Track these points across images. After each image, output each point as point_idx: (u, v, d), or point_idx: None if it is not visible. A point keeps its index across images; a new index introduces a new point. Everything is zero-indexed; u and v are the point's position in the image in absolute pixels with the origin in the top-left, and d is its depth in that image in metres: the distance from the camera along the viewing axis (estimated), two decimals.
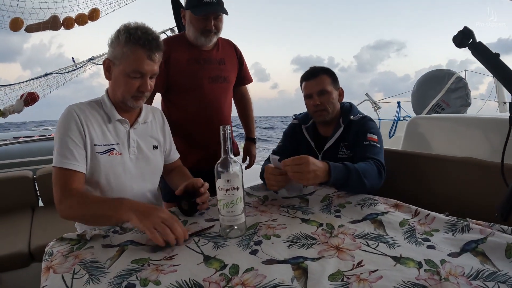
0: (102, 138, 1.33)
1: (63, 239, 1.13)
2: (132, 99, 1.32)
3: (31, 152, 4.30)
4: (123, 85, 1.30)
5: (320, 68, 1.73)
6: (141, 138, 1.43)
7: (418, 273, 0.87)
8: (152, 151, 1.46)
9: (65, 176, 1.23)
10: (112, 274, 0.92)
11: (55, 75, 4.02)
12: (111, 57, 1.30)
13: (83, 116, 1.29)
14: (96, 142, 1.30)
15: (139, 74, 1.28)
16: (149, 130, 1.48)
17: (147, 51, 1.26)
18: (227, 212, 1.08)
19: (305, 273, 0.88)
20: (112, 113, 1.35)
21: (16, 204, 2.87)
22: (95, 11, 4.08)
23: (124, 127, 1.38)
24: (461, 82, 3.65)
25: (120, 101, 1.34)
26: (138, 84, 1.29)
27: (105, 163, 1.31)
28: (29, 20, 3.81)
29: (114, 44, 1.28)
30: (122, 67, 1.27)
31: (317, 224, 1.18)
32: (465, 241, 1.00)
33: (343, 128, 1.68)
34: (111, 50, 1.29)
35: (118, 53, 1.27)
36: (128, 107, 1.36)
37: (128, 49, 1.25)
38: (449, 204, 1.50)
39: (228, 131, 1.08)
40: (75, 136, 1.26)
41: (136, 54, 1.25)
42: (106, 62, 1.32)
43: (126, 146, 1.38)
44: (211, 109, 1.96)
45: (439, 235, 1.07)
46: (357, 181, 1.34)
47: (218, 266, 0.93)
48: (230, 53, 2.08)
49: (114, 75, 1.31)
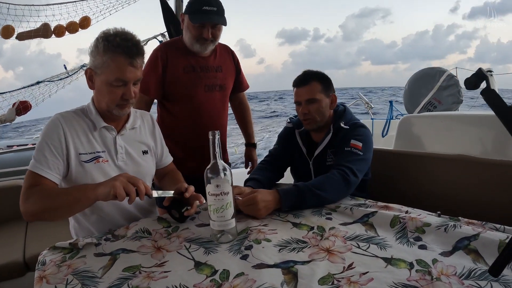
0: (88, 146, 1.32)
1: (56, 247, 1.13)
2: (117, 108, 1.30)
3: (25, 161, 4.24)
4: (106, 94, 1.27)
5: (312, 74, 1.68)
6: (129, 144, 1.42)
7: (410, 273, 0.87)
8: (142, 156, 1.45)
9: (34, 179, 1.22)
10: (104, 284, 0.91)
11: (47, 83, 4.01)
12: (92, 66, 1.27)
13: (68, 126, 1.29)
14: (81, 151, 1.30)
15: (121, 82, 1.25)
16: (138, 135, 1.47)
17: (128, 58, 1.22)
18: (218, 217, 1.08)
19: (295, 277, 0.88)
20: (97, 121, 1.34)
21: (10, 214, 2.84)
22: (86, 19, 4.07)
23: (111, 134, 1.37)
24: (452, 80, 3.66)
25: (105, 110, 1.32)
26: (121, 92, 1.27)
27: (91, 171, 1.30)
28: (20, 28, 3.82)
29: (94, 53, 1.25)
30: (104, 76, 1.24)
31: (308, 228, 1.18)
32: (457, 238, 1.00)
33: (331, 134, 1.66)
34: (92, 59, 1.26)
35: (99, 62, 1.23)
36: (114, 115, 1.34)
37: (108, 58, 1.21)
38: (441, 203, 1.51)
39: (218, 137, 1.08)
40: (53, 146, 1.25)
41: (116, 62, 1.22)
42: (88, 72, 1.30)
43: (114, 153, 1.37)
44: (207, 118, 1.94)
45: (431, 231, 1.07)
46: (313, 197, 1.35)
47: (208, 272, 0.93)
48: (228, 60, 2.06)
49: (96, 85, 1.29)
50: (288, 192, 1.34)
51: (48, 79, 4.04)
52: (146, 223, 1.29)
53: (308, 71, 1.70)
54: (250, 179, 1.64)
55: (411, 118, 2.38)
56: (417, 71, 3.95)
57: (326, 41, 38.26)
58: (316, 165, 1.71)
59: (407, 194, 1.76)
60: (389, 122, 3.99)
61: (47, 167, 1.23)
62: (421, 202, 1.40)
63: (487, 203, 1.53)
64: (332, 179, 1.41)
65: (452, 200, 1.62)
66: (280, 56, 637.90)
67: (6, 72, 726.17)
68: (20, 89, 3.96)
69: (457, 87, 3.68)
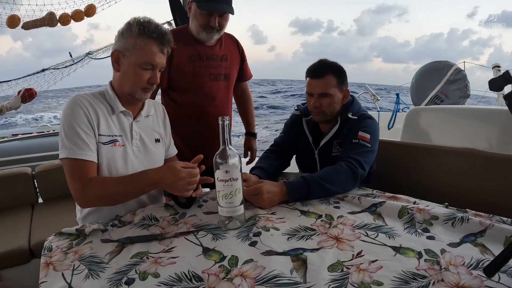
0: (107, 128, 1.32)
1: (62, 233, 1.13)
2: (141, 91, 1.33)
3: (30, 149, 4.28)
4: (133, 76, 1.30)
5: (328, 66, 1.61)
6: (143, 131, 1.43)
7: (418, 263, 0.87)
8: (155, 144, 1.47)
9: (81, 167, 1.22)
10: (111, 270, 0.91)
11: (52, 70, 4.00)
12: (120, 48, 1.29)
13: (89, 106, 1.29)
14: (101, 132, 1.30)
15: (150, 66, 1.29)
16: (151, 123, 1.48)
17: (160, 44, 1.28)
18: (226, 203, 1.08)
19: (304, 264, 0.88)
20: (116, 105, 1.35)
21: (15, 201, 2.86)
22: (91, 7, 4.05)
23: (127, 119, 1.38)
24: (460, 74, 3.61)
25: (128, 93, 1.34)
26: (148, 76, 1.30)
27: (107, 154, 1.30)
28: (25, 17, 3.80)
29: (125, 35, 1.28)
30: (133, 58, 1.28)
31: (316, 216, 1.18)
32: (464, 234, 1.00)
33: (338, 125, 1.63)
34: (122, 41, 1.29)
35: (130, 44, 1.27)
36: (134, 99, 1.36)
37: (142, 41, 1.26)
38: (448, 195, 1.49)
39: (227, 122, 1.08)
40: (84, 125, 1.25)
41: (149, 46, 1.27)
42: (115, 53, 1.31)
43: (129, 138, 1.38)
44: (212, 106, 1.95)
45: (439, 224, 1.07)
46: (320, 190, 1.34)
47: (217, 258, 0.93)
48: (233, 49, 2.06)
49: (123, 67, 1.31)
50: (296, 185, 1.33)
51: (53, 67, 4.03)
52: (154, 209, 1.29)
53: (324, 61, 1.64)
54: (256, 168, 1.63)
55: (419, 110, 2.37)
56: (424, 64, 3.91)
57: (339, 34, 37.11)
58: (322, 155, 1.70)
59: (414, 186, 1.75)
60: (395, 115, 3.96)
61: (88, 149, 1.24)
62: (428, 194, 1.39)
63: (494, 196, 1.53)
64: (340, 171, 1.40)
65: (458, 192, 1.61)
66: (291, 45, 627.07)
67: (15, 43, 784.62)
68: (25, 77, 3.96)
69: (464, 81, 3.64)
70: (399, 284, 0.80)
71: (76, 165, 1.22)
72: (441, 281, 0.80)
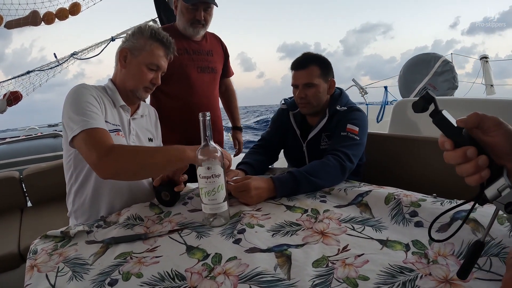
0: (111, 117, 1.36)
1: (47, 236, 1.12)
2: (143, 90, 1.41)
3: (18, 152, 4.22)
4: (138, 74, 1.39)
5: (311, 57, 1.63)
6: (139, 129, 1.49)
7: (406, 256, 0.86)
8: (148, 143, 1.52)
9: (98, 134, 1.16)
10: (95, 271, 0.90)
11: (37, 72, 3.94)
12: (129, 47, 1.39)
13: (95, 92, 1.32)
14: (107, 119, 1.32)
15: (155, 67, 1.40)
16: (145, 123, 1.55)
17: (166, 49, 1.42)
18: (209, 200, 1.06)
19: (288, 260, 0.87)
20: (117, 98, 1.41)
21: (4, 206, 2.82)
22: (75, 5, 3.99)
23: (126, 114, 1.43)
24: (447, 65, 3.64)
25: (130, 89, 1.41)
26: (152, 76, 1.40)
27: None
28: (8, 16, 3.74)
29: (136, 36, 1.39)
30: (141, 58, 1.38)
31: (301, 211, 1.17)
32: (454, 211, 0.96)
33: (327, 118, 1.63)
34: (133, 41, 1.39)
35: (140, 45, 1.38)
36: (134, 97, 1.43)
37: (152, 44, 1.38)
38: (435, 187, 1.49)
39: (208, 118, 1.06)
40: (95, 102, 1.26)
41: (157, 49, 1.39)
42: (124, 51, 1.39)
43: (127, 133, 1.42)
44: (199, 98, 2.04)
45: (427, 204, 1.05)
46: (308, 185, 1.33)
47: (200, 256, 0.92)
48: (217, 46, 2.20)
49: (130, 64, 1.39)
50: (283, 181, 1.31)
51: (38, 68, 3.98)
52: (139, 209, 1.27)
53: (307, 53, 1.66)
54: (242, 163, 1.62)
55: (406, 102, 2.37)
56: (412, 57, 3.93)
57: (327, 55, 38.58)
58: (310, 148, 1.69)
59: (402, 178, 1.75)
60: (384, 108, 3.97)
61: (102, 120, 1.24)
62: (416, 185, 1.38)
63: None
64: (328, 165, 1.39)
65: (446, 184, 1.61)
66: (280, 70, 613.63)
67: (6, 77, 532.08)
68: (11, 80, 3.90)
69: (452, 73, 3.66)
70: (386, 278, 0.78)
71: (93, 134, 1.16)
72: (429, 275, 0.78)
